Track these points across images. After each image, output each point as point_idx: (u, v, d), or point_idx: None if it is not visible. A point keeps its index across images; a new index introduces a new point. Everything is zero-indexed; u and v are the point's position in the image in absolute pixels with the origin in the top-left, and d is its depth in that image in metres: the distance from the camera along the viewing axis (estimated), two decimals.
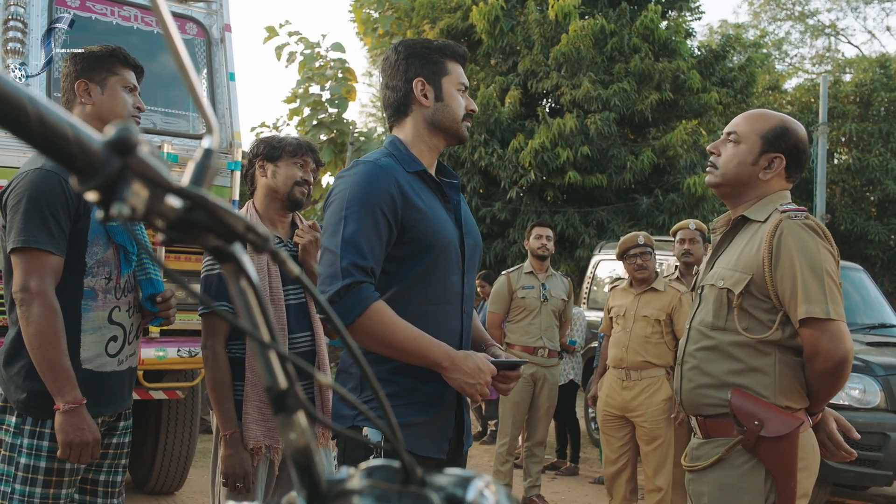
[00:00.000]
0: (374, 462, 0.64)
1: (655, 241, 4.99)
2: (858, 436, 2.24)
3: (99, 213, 0.53)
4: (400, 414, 1.95)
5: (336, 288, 1.88)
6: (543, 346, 5.53)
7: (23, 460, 2.19)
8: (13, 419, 2.23)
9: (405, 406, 1.97)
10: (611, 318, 4.83)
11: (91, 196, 0.53)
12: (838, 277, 2.05)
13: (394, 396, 1.97)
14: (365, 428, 1.95)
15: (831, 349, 1.97)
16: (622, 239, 4.87)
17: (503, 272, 5.83)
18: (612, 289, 5.05)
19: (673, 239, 5.09)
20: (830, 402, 2.15)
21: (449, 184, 2.16)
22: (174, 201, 0.55)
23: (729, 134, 2.22)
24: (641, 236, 4.74)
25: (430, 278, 2.01)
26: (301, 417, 0.63)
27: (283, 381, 0.62)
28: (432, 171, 2.13)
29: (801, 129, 2.20)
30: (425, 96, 2.09)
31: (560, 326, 5.76)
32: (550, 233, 5.68)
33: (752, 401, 2.04)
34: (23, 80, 3.82)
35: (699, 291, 2.26)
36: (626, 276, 4.90)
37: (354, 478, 0.62)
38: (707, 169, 2.29)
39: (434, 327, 1.99)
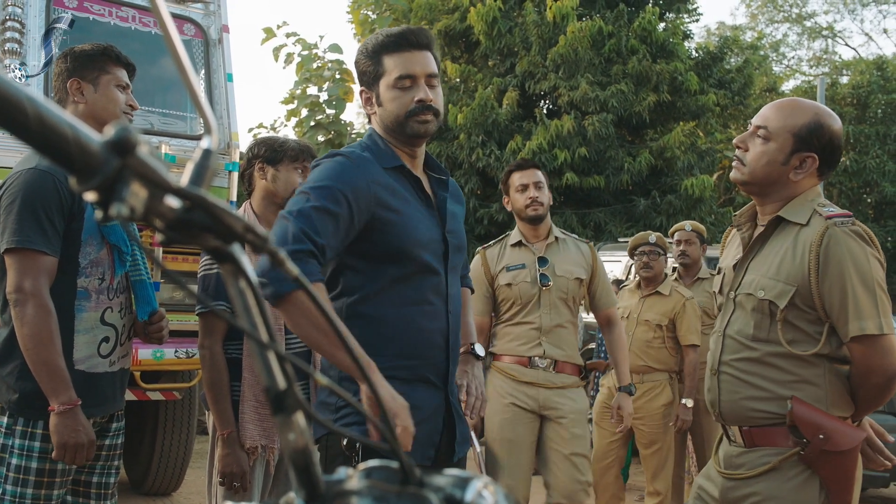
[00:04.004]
0: (372, 462, 0.64)
1: None
2: (892, 439, 2.13)
3: (98, 214, 0.53)
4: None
5: (285, 248, 1.71)
6: (544, 355, 3.43)
7: (14, 461, 2.18)
8: (4, 419, 2.22)
9: None
10: None
11: (90, 196, 0.53)
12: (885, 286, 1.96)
13: None
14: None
15: (885, 365, 1.89)
16: (635, 235, 4.86)
17: (479, 248, 3.75)
18: (619, 289, 5.03)
19: (671, 240, 5.09)
20: None
21: (436, 179, 2.09)
22: (173, 201, 0.55)
23: (758, 128, 2.03)
24: (654, 236, 4.69)
25: (409, 279, 1.94)
26: (300, 418, 0.62)
27: (282, 382, 0.61)
28: (414, 170, 2.04)
29: (836, 122, 2.02)
30: (370, 104, 2.02)
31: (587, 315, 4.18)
32: (541, 176, 3.54)
33: (816, 412, 1.93)
34: (23, 79, 3.81)
35: (732, 297, 2.12)
36: (624, 276, 4.92)
37: (353, 478, 0.62)
38: (733, 164, 2.11)
39: (416, 327, 1.95)
